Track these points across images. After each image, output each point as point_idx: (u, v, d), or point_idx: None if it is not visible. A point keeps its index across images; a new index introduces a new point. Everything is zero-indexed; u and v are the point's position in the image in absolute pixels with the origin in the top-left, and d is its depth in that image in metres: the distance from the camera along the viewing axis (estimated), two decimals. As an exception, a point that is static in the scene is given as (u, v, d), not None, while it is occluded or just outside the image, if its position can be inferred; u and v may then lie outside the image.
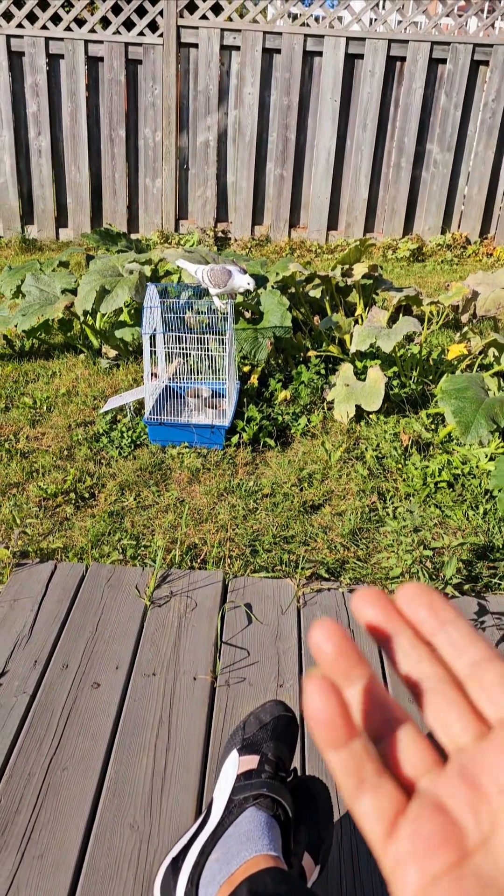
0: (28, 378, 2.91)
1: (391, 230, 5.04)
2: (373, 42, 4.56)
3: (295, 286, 3.02)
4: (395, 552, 1.82)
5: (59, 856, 1.06)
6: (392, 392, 2.64)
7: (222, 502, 2.10)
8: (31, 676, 1.37)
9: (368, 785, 0.28)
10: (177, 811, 1.13)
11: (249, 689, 1.37)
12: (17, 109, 4.79)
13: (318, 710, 0.28)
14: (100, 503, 2.09)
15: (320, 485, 2.21)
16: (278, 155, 4.87)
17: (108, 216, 5.05)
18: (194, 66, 4.71)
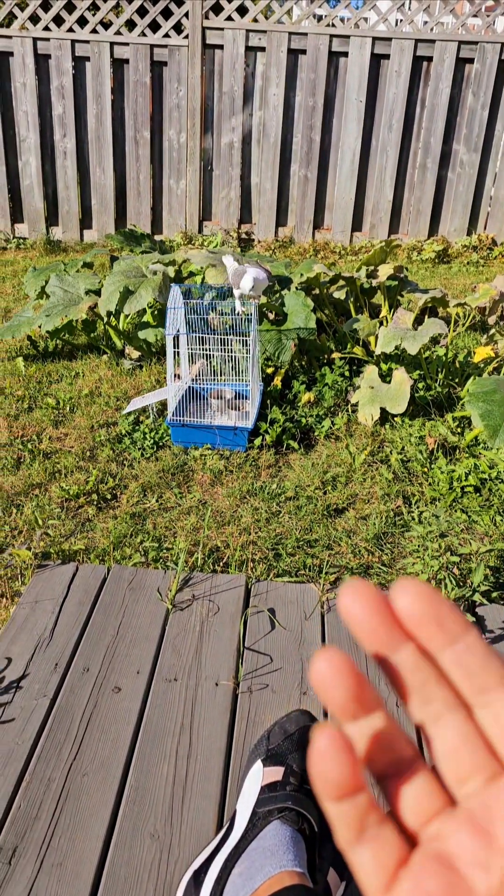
0: (51, 378, 2.91)
1: (416, 231, 4.99)
2: (399, 42, 4.52)
3: (319, 287, 2.99)
4: (420, 558, 1.79)
5: (78, 864, 1.04)
6: (417, 395, 2.60)
7: (245, 505, 2.07)
8: (51, 680, 1.36)
9: (369, 835, 0.25)
10: (198, 821, 1.11)
11: (272, 697, 1.34)
12: (44, 112, 4.82)
13: (326, 771, 0.25)
14: (122, 504, 2.08)
15: (344, 488, 2.17)
16: (303, 156, 4.84)
17: (132, 217, 5.06)
18: (219, 68, 4.70)
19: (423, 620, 0.26)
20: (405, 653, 0.26)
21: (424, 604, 0.26)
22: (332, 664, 0.25)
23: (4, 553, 1.82)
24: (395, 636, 0.26)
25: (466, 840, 0.25)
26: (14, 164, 4.94)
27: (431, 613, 0.26)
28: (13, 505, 2.06)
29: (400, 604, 0.26)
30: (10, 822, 1.10)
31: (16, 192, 5.03)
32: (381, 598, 0.26)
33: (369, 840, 0.26)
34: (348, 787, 0.25)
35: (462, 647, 0.26)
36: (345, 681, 0.25)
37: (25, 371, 2.94)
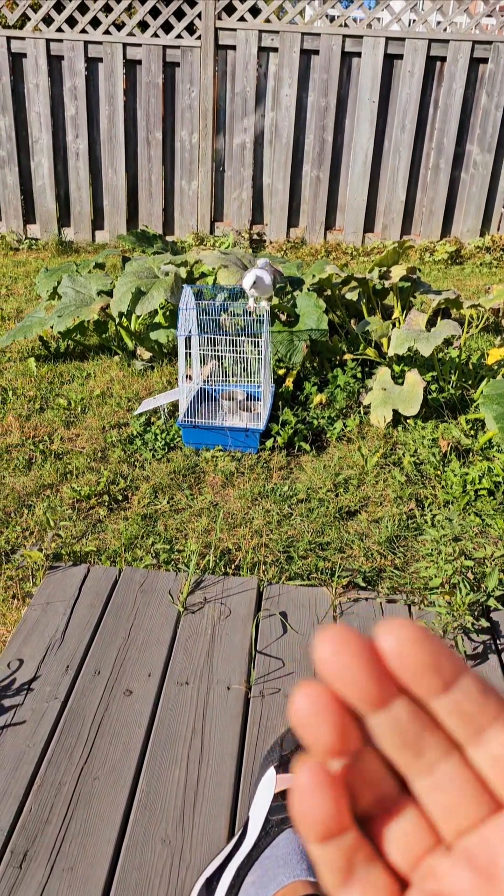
0: (63, 379, 2.91)
1: (429, 232, 4.97)
2: (412, 42, 4.50)
3: (331, 288, 2.97)
4: (434, 562, 1.77)
5: (88, 869, 1.04)
6: (430, 396, 2.58)
7: (256, 507, 2.06)
8: (62, 682, 1.35)
9: (357, 877, 0.24)
10: (209, 827, 1.10)
11: (284, 701, 1.33)
12: (56, 113, 4.83)
13: (308, 810, 0.23)
14: (133, 506, 2.07)
15: (356, 490, 2.16)
16: (315, 157, 4.83)
17: (144, 218, 5.06)
18: (231, 68, 4.69)
19: (413, 666, 0.23)
20: (398, 707, 0.24)
21: (414, 647, 0.23)
22: (314, 700, 0.23)
23: (16, 554, 1.82)
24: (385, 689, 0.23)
25: (464, 878, 0.23)
26: (27, 164, 4.96)
27: (422, 658, 0.23)
28: (24, 506, 2.06)
29: (387, 647, 0.23)
30: (21, 825, 1.09)
31: (28, 192, 5.04)
32: (364, 646, 0.23)
33: (357, 882, 0.24)
34: (334, 828, 0.23)
35: (459, 694, 0.23)
36: (329, 719, 0.23)
37: (37, 371, 2.94)
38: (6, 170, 4.95)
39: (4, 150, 4.90)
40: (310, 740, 0.23)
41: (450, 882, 0.23)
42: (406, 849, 0.24)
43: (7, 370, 2.98)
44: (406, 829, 0.24)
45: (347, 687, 0.23)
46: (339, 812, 0.23)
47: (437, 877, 0.23)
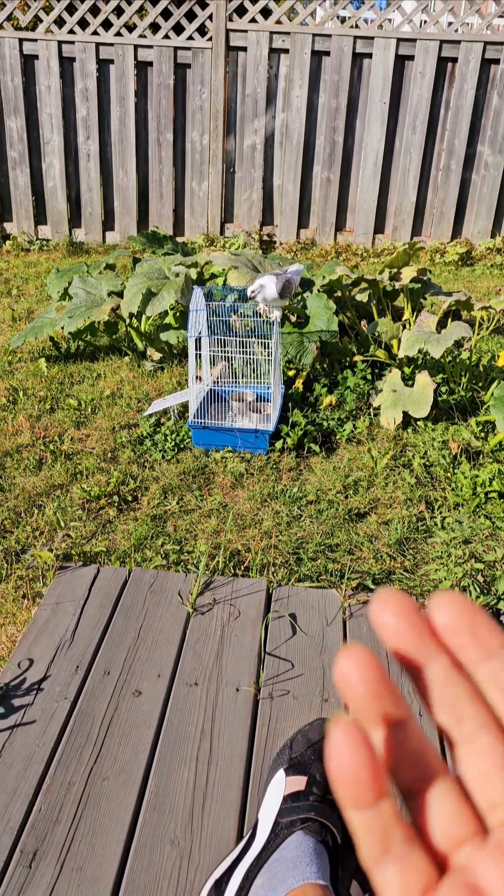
0: (73, 380, 2.92)
1: (439, 234, 4.95)
2: (424, 43, 4.49)
3: (341, 290, 2.97)
4: (444, 564, 1.77)
5: (98, 869, 1.04)
6: (440, 398, 2.57)
7: (266, 508, 2.06)
8: (72, 682, 1.36)
9: (395, 854, 0.23)
10: (218, 828, 1.10)
11: (293, 703, 1.33)
12: (67, 114, 4.84)
13: (343, 765, 0.23)
14: (142, 506, 2.08)
15: (366, 492, 2.16)
16: (325, 158, 4.82)
17: (155, 219, 5.07)
18: (242, 70, 4.70)
19: (459, 633, 0.25)
20: (438, 665, 0.25)
21: (462, 616, 0.25)
22: (358, 662, 0.24)
23: (27, 554, 1.82)
24: (429, 648, 0.25)
25: (497, 875, 0.23)
26: (38, 166, 4.98)
27: (468, 626, 0.25)
28: (35, 505, 2.07)
29: (437, 617, 0.25)
30: (31, 825, 1.09)
31: (39, 193, 5.06)
32: (414, 609, 0.25)
33: (396, 860, 0.24)
34: (369, 789, 0.23)
35: (499, 664, 0.24)
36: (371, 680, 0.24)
37: (48, 372, 2.96)
38: (18, 171, 4.97)
39: (16, 152, 4.92)
40: (351, 698, 0.24)
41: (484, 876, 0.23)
42: (446, 830, 0.24)
43: (18, 370, 3.00)
44: (447, 808, 0.24)
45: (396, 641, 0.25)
46: (373, 771, 0.23)
47: (472, 868, 0.23)
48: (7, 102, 4.80)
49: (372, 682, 0.24)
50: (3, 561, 1.81)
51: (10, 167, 4.97)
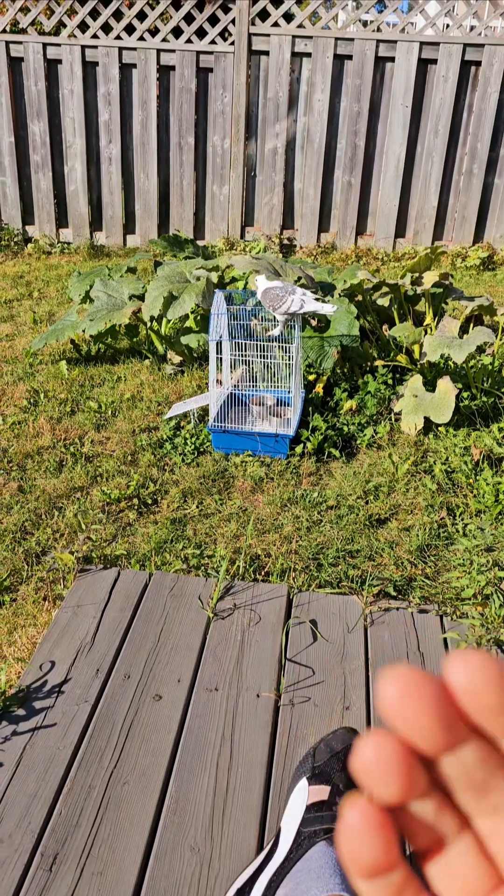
0: (94, 382, 2.93)
1: (461, 238, 4.92)
2: (447, 47, 4.47)
3: (362, 294, 2.96)
4: (467, 572, 1.75)
5: (118, 874, 1.04)
6: (462, 404, 2.55)
7: (286, 513, 2.06)
8: (93, 685, 1.36)
9: None
10: (239, 835, 1.09)
11: (314, 710, 1.32)
12: (90, 118, 4.87)
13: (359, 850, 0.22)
14: (162, 510, 2.08)
15: (386, 498, 2.14)
16: (347, 162, 4.81)
17: (175, 223, 5.09)
18: (264, 74, 4.70)
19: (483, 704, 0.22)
20: (467, 750, 0.22)
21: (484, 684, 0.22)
22: (380, 750, 0.22)
23: (47, 556, 1.83)
24: (453, 732, 0.22)
25: None
26: (60, 169, 5.01)
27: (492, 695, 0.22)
28: (55, 507, 2.07)
29: (456, 683, 0.22)
30: (52, 828, 1.10)
31: (61, 197, 5.09)
32: (431, 686, 0.22)
33: None
34: (382, 866, 0.22)
35: None
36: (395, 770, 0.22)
37: (68, 374, 2.97)
38: (40, 174, 5.01)
39: (39, 155, 4.96)
40: (375, 790, 0.22)
41: None
42: (461, 889, 0.23)
43: (39, 373, 3.01)
44: (463, 867, 0.23)
45: (414, 731, 0.22)
46: (388, 851, 0.22)
47: None
48: (30, 106, 4.84)
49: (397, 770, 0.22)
50: (23, 563, 1.82)
51: (33, 171, 5.01)
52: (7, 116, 4.86)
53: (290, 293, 2.28)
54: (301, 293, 2.29)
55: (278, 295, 2.28)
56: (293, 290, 2.30)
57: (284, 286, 2.31)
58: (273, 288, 2.30)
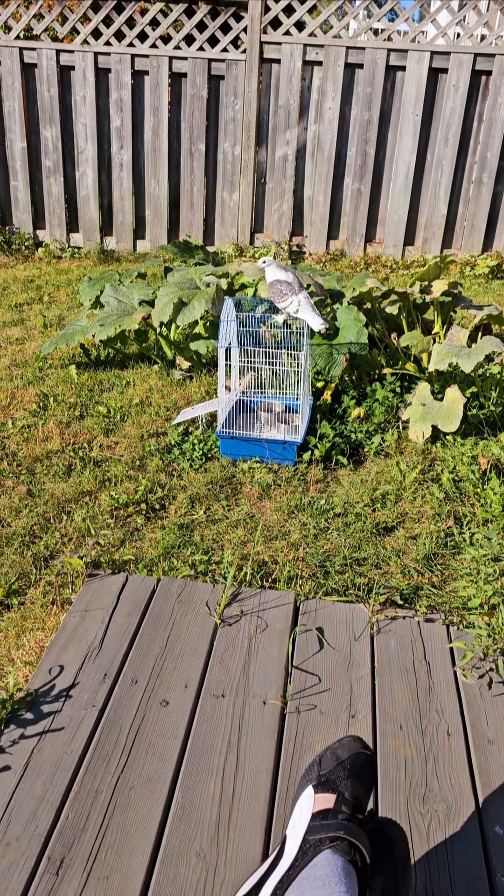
0: (103, 387, 2.94)
1: (469, 246, 4.93)
2: (458, 56, 4.48)
3: (371, 302, 2.97)
4: (473, 581, 1.75)
5: (124, 879, 1.04)
6: (470, 413, 2.55)
7: (293, 520, 2.06)
8: (100, 690, 1.37)
9: None
10: (244, 842, 1.10)
11: (320, 718, 1.32)
12: (101, 124, 4.91)
13: None
14: (170, 515, 2.09)
15: (394, 506, 2.15)
16: (356, 170, 4.83)
17: (185, 229, 5.11)
18: (276, 82, 4.72)
19: None
20: None
21: None
22: None
23: (56, 560, 1.84)
24: None
25: None
26: (72, 174, 5.04)
27: None
28: (63, 511, 2.09)
29: None
30: (59, 832, 1.10)
31: (72, 202, 5.12)
32: None
33: None
34: None
35: None
36: None
37: (78, 379, 2.99)
38: (52, 179, 5.04)
39: (51, 161, 4.99)
40: None
41: None
42: None
43: (48, 377, 3.03)
44: None
45: None
46: None
47: None
48: (43, 112, 4.88)
49: None
50: (32, 566, 1.83)
51: (45, 176, 5.05)
52: (20, 122, 4.90)
53: (294, 293, 2.31)
54: (304, 296, 2.32)
55: (283, 291, 2.32)
56: (298, 290, 2.33)
57: (291, 284, 2.33)
58: (281, 282, 2.32)
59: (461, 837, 1.12)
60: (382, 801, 1.17)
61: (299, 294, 2.31)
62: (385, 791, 1.19)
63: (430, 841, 1.11)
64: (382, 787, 1.19)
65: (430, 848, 1.10)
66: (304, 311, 2.30)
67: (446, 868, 1.07)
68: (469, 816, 1.15)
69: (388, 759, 1.24)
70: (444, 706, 1.35)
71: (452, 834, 1.12)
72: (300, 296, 2.31)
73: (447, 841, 1.11)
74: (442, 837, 1.12)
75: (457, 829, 1.13)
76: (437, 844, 1.10)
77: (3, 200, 5.15)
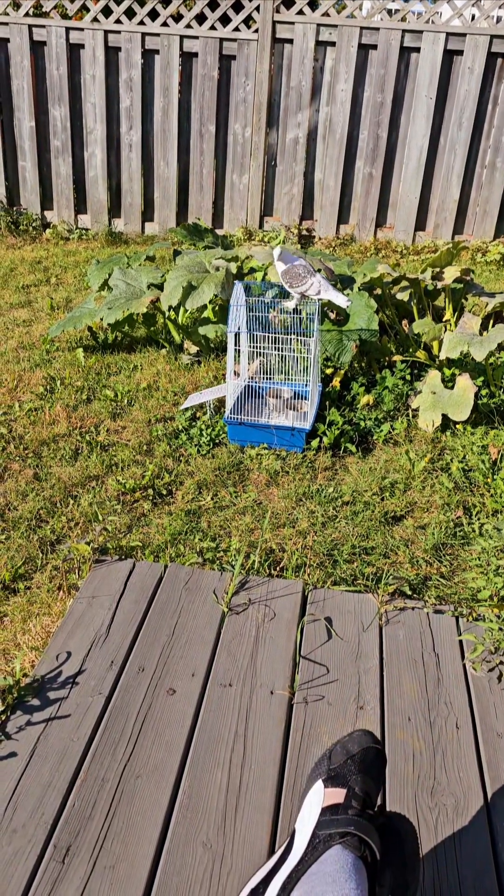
0: (110, 371, 2.92)
1: (482, 232, 4.87)
2: (474, 38, 4.40)
3: (382, 288, 2.93)
4: (483, 572, 1.74)
5: (130, 868, 1.04)
6: (481, 402, 2.53)
7: (301, 507, 2.05)
8: (107, 677, 1.36)
9: None
10: (251, 832, 1.09)
11: (328, 709, 1.31)
12: (111, 104, 4.84)
13: None
14: (177, 501, 2.08)
15: (402, 495, 2.13)
16: (368, 153, 4.77)
17: (194, 211, 5.06)
18: (288, 62, 4.65)
19: None
20: None
21: None
22: None
23: (62, 545, 1.83)
24: None
25: None
26: (80, 155, 4.99)
27: None
28: (70, 496, 2.07)
29: None
30: (65, 820, 1.10)
31: (80, 183, 5.07)
32: None
33: None
34: None
35: None
36: None
37: (85, 362, 2.96)
38: (60, 160, 4.99)
39: (59, 141, 4.94)
40: None
41: None
42: None
43: (56, 360, 3.01)
44: None
45: None
46: None
47: None
48: (52, 91, 4.82)
49: None
50: (38, 550, 1.82)
51: (53, 156, 4.99)
52: (28, 100, 4.84)
53: (311, 274, 2.31)
54: (320, 278, 2.31)
55: (300, 274, 2.30)
56: (314, 272, 2.32)
57: (306, 266, 2.32)
58: (296, 266, 2.31)
59: (469, 832, 1.11)
60: (390, 793, 1.16)
61: (316, 275, 2.31)
62: (393, 784, 1.18)
63: (439, 835, 1.10)
64: (390, 780, 1.19)
65: (438, 842, 1.09)
66: (327, 290, 2.30)
67: (454, 862, 1.07)
68: (477, 811, 1.14)
69: (397, 752, 1.24)
70: (452, 699, 1.34)
71: (461, 828, 1.11)
72: (318, 277, 2.31)
73: (455, 835, 1.10)
74: (450, 831, 1.11)
75: (465, 824, 1.12)
76: (445, 839, 1.10)
77: (10, 181, 5.10)
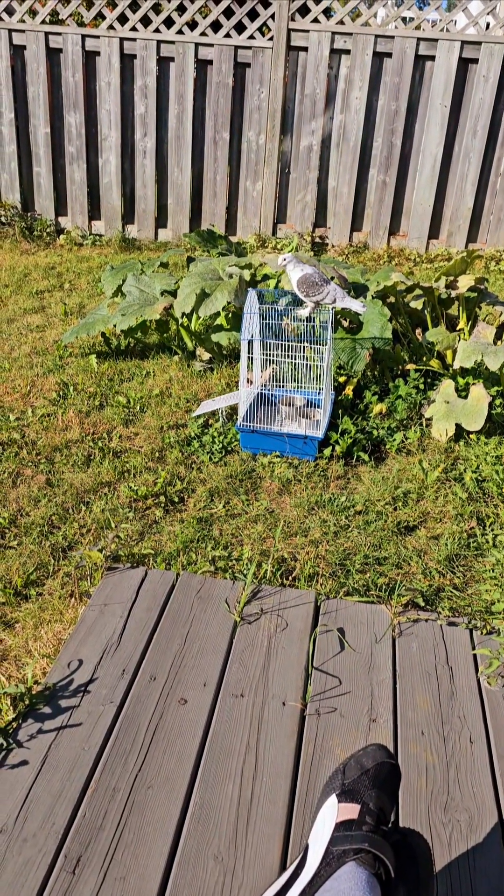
0: (123, 377, 2.93)
1: (496, 241, 4.85)
2: (489, 46, 4.40)
3: (395, 296, 2.92)
4: (498, 584, 1.72)
5: (140, 881, 1.03)
6: (495, 412, 2.51)
7: (313, 516, 2.04)
8: (118, 686, 1.35)
9: None
10: (262, 846, 1.08)
11: (341, 721, 1.30)
12: (125, 111, 4.87)
13: None
14: (189, 508, 2.07)
15: (415, 505, 2.12)
16: (382, 161, 4.77)
17: (207, 218, 5.07)
18: (302, 70, 4.66)
19: None
20: None
21: None
22: None
23: (74, 552, 1.83)
24: None
25: None
26: (95, 161, 5.02)
27: None
28: (82, 502, 2.07)
29: None
30: (76, 830, 1.09)
31: (94, 189, 5.10)
32: None
33: None
34: None
35: None
36: None
37: (98, 368, 2.97)
38: (74, 166, 5.02)
39: (74, 147, 4.97)
40: None
41: None
42: None
43: (69, 365, 3.02)
44: None
45: None
46: None
47: None
48: (67, 97, 4.85)
49: None
50: (50, 557, 1.82)
51: (68, 162, 5.02)
52: (44, 107, 4.87)
53: (326, 283, 2.31)
54: (335, 286, 2.32)
55: (316, 283, 2.30)
56: (328, 280, 2.32)
57: (321, 274, 2.32)
58: (312, 275, 2.31)
59: (483, 848, 1.10)
60: (403, 808, 1.15)
61: (331, 283, 2.31)
62: (406, 798, 1.17)
63: (452, 851, 1.09)
64: (403, 795, 1.17)
65: (451, 858, 1.08)
66: (343, 299, 2.31)
67: (468, 879, 1.05)
68: (492, 827, 1.13)
69: (410, 766, 1.22)
70: (466, 713, 1.33)
71: (475, 844, 1.10)
72: (332, 285, 2.31)
73: (469, 851, 1.09)
74: (464, 848, 1.10)
75: (479, 840, 1.11)
76: (459, 855, 1.08)
77: (25, 186, 5.14)
